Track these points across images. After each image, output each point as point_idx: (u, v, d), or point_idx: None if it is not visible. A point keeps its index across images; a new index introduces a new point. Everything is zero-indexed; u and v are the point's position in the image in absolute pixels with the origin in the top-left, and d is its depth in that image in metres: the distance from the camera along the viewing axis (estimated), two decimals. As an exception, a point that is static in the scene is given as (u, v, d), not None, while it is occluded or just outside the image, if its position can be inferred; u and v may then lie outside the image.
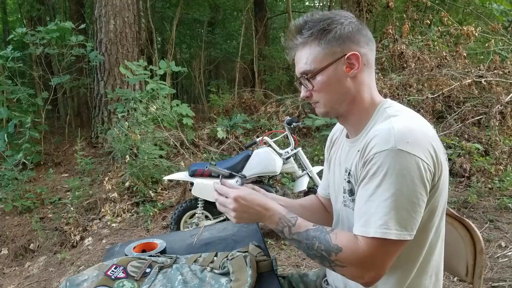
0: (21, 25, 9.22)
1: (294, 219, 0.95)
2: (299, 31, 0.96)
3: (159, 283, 1.03)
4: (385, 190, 0.82)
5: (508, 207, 3.37)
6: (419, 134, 0.85)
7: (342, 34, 0.93)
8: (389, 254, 0.84)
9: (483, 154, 4.19)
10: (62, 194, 4.68)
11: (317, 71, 0.94)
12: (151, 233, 3.58)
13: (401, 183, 0.81)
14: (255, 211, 0.97)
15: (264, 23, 9.85)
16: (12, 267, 3.42)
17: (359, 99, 0.97)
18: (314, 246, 0.90)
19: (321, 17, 0.95)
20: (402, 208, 0.81)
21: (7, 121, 5.40)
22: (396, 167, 0.81)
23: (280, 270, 2.59)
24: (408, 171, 0.81)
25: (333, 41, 0.93)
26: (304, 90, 1.01)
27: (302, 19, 0.97)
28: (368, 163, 0.86)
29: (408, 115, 0.92)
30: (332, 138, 1.20)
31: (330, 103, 0.98)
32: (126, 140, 4.40)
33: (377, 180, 0.83)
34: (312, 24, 0.95)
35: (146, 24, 7.97)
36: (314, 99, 1.00)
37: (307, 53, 0.95)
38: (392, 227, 0.81)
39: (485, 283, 2.35)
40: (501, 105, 4.47)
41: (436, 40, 5.58)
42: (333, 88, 0.96)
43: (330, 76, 0.95)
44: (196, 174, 2.95)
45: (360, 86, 0.97)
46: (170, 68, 5.38)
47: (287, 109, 5.86)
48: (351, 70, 0.95)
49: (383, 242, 0.82)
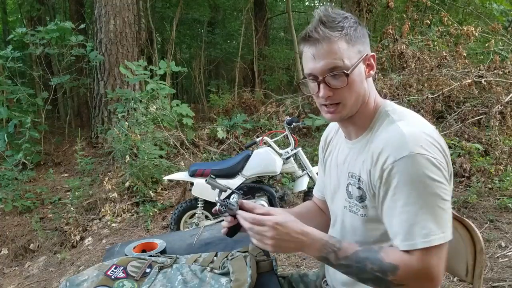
0: (21, 25, 9.22)
1: (339, 243, 0.88)
2: (324, 23, 0.89)
3: (159, 283, 1.03)
4: (416, 197, 0.81)
5: (508, 207, 3.37)
6: (429, 137, 0.86)
7: (364, 34, 0.93)
8: (441, 258, 0.82)
9: (483, 154, 4.19)
10: (62, 194, 4.68)
11: (352, 68, 0.89)
12: (151, 233, 3.58)
13: (429, 186, 0.81)
14: (294, 238, 0.88)
15: (264, 23, 9.84)
16: (12, 267, 3.42)
17: (369, 101, 0.97)
18: (366, 268, 0.84)
19: (343, 13, 0.92)
20: (437, 210, 0.81)
21: (7, 121, 5.40)
22: (419, 172, 0.81)
23: (280, 270, 2.59)
24: (431, 172, 0.81)
25: (360, 39, 0.92)
26: (326, 89, 0.91)
27: (325, 12, 0.91)
28: (388, 174, 0.85)
29: (412, 119, 0.92)
30: (326, 139, 1.19)
31: (352, 103, 0.93)
32: (126, 140, 4.40)
33: (406, 190, 0.82)
34: (337, 18, 0.90)
35: (146, 24, 7.97)
36: (336, 99, 0.92)
37: (337, 47, 0.89)
38: (436, 232, 0.80)
39: (485, 283, 2.35)
40: (501, 105, 4.47)
41: (436, 40, 5.58)
42: (357, 88, 0.92)
43: (356, 75, 0.91)
44: (196, 174, 2.95)
45: (371, 88, 0.97)
46: (170, 68, 5.38)
47: (287, 109, 5.86)
48: (369, 70, 0.94)
49: (432, 250, 0.81)
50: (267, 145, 3.13)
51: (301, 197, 3.68)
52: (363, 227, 0.97)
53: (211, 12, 11.30)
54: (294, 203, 3.72)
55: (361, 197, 0.96)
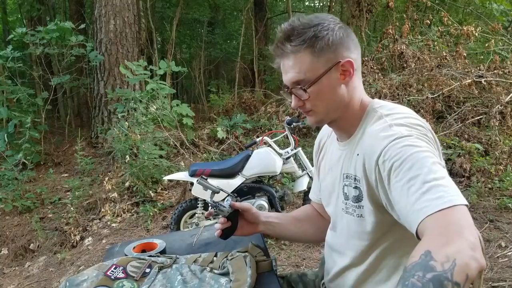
0: (21, 25, 9.23)
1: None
2: (287, 38, 0.90)
3: (158, 283, 1.03)
4: (418, 168, 0.74)
5: (508, 207, 3.37)
6: (417, 124, 0.87)
7: (335, 41, 0.90)
8: (465, 215, 0.67)
9: (483, 154, 4.19)
10: (62, 194, 4.68)
11: (313, 81, 0.91)
12: (151, 233, 3.59)
13: (423, 146, 0.79)
14: None
15: (264, 23, 9.83)
16: (12, 267, 3.42)
17: (351, 104, 0.96)
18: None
19: (309, 23, 0.90)
20: (439, 164, 0.76)
21: (7, 121, 5.40)
22: (410, 142, 0.80)
23: (279, 270, 2.59)
24: (421, 137, 0.82)
25: (326, 48, 0.90)
26: (296, 99, 0.95)
27: (289, 25, 0.91)
28: (383, 161, 0.81)
29: (402, 113, 0.91)
30: (320, 143, 1.18)
31: (324, 111, 0.95)
32: (126, 140, 4.40)
33: (406, 165, 0.76)
34: (301, 30, 0.89)
35: (146, 24, 7.97)
36: (307, 108, 0.96)
37: (299, 61, 0.91)
38: (451, 191, 0.70)
39: (485, 283, 2.35)
40: (501, 105, 4.47)
41: (436, 40, 5.58)
42: (327, 96, 0.93)
43: (324, 85, 0.91)
44: (196, 174, 2.95)
45: (353, 91, 0.96)
46: (170, 68, 5.38)
47: (287, 109, 5.86)
48: (345, 77, 0.93)
49: (449, 210, 0.68)
50: (267, 145, 3.14)
51: (301, 197, 3.68)
52: (360, 228, 0.96)
53: (211, 12, 11.30)
54: (294, 203, 3.73)
55: (357, 197, 0.94)
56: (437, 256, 0.61)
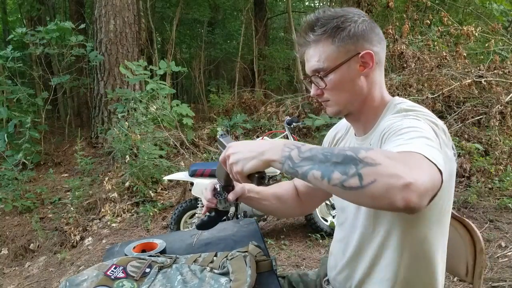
0: (21, 25, 9.23)
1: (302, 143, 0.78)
2: (311, 28, 0.94)
3: (158, 283, 1.03)
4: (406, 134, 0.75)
5: (508, 207, 3.37)
6: (432, 122, 0.86)
7: (356, 32, 0.92)
8: (432, 170, 0.66)
9: (483, 154, 4.19)
10: (62, 194, 4.68)
11: (331, 69, 0.93)
12: (151, 233, 3.59)
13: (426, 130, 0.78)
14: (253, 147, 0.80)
15: (264, 23, 9.84)
16: (12, 267, 3.43)
17: (370, 98, 0.97)
18: (333, 151, 0.69)
19: (333, 14, 0.93)
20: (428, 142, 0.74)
21: (7, 121, 5.41)
22: (414, 123, 0.80)
23: (280, 270, 2.58)
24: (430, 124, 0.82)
25: (347, 39, 0.92)
26: (315, 88, 0.98)
27: (314, 16, 0.94)
28: (383, 134, 0.84)
29: (421, 111, 0.91)
30: (335, 136, 1.18)
31: (342, 101, 0.97)
32: (126, 140, 4.40)
33: (398, 132, 0.77)
34: (325, 21, 0.92)
35: (146, 24, 7.97)
36: (325, 98, 0.98)
37: (320, 50, 0.93)
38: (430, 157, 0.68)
39: (485, 283, 2.35)
40: (501, 105, 4.46)
41: (436, 40, 5.57)
42: (346, 87, 0.95)
43: (343, 75, 0.93)
44: (196, 174, 2.95)
45: (372, 85, 0.96)
46: (170, 68, 5.38)
47: (287, 109, 5.86)
48: (364, 68, 0.94)
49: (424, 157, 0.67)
50: (267, 145, 3.13)
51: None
52: (368, 221, 0.96)
53: (211, 12, 11.30)
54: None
55: None
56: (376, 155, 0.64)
